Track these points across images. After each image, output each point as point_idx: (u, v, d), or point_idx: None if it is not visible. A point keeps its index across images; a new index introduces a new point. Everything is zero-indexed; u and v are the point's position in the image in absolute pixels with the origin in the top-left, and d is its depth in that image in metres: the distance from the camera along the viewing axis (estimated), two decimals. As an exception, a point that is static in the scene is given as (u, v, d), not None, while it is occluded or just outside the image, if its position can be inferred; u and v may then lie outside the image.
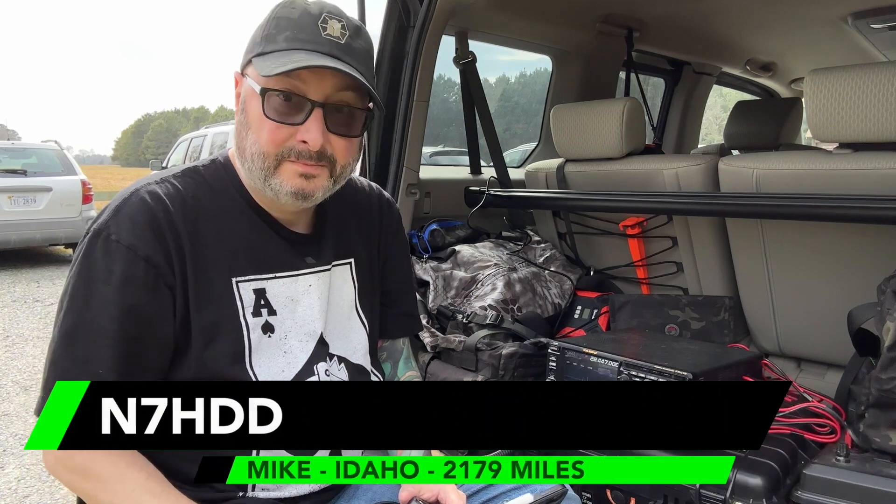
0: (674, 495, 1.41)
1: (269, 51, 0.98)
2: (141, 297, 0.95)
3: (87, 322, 0.94)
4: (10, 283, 6.98)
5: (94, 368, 0.93)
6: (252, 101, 1.00)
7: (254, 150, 1.00)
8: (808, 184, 1.75)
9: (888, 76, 1.59)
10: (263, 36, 1.00)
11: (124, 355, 0.94)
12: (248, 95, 1.01)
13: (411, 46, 2.15)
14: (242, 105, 1.03)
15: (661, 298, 2.20)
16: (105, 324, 0.94)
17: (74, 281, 0.96)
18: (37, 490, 2.68)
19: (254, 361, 1.03)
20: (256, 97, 0.99)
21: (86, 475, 0.93)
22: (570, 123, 2.29)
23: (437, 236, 2.42)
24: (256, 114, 1.00)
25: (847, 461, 1.34)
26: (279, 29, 0.98)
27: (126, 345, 0.95)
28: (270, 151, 1.00)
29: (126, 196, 1.00)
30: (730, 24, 3.09)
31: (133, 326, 0.95)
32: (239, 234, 1.05)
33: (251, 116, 1.01)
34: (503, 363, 1.95)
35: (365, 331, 1.20)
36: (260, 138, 0.99)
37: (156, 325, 0.97)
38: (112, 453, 0.93)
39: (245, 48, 1.04)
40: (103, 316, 0.94)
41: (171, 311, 0.98)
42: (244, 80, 1.03)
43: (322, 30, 0.98)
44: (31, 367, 4.24)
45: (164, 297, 0.98)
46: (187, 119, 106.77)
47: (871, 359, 1.55)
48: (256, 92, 0.99)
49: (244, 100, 1.02)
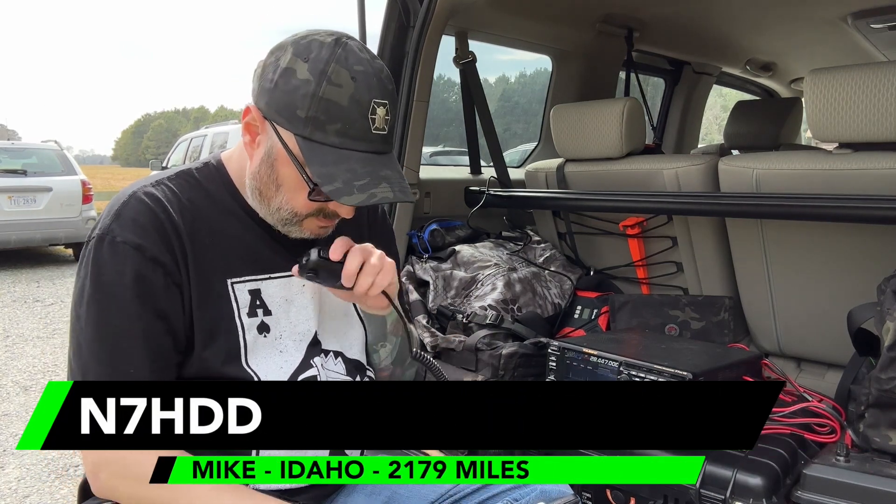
0: (674, 495, 1.41)
1: (318, 140, 0.95)
2: (155, 294, 0.97)
3: (110, 325, 0.95)
4: (10, 283, 6.98)
5: (126, 369, 0.95)
6: (287, 167, 0.99)
7: (285, 207, 1.02)
8: (808, 184, 1.75)
9: (888, 76, 1.59)
10: (310, 116, 0.94)
11: (152, 352, 0.96)
12: (281, 158, 0.99)
13: (411, 46, 2.15)
14: (271, 160, 1.00)
15: (661, 298, 2.20)
16: (127, 324, 0.95)
17: (88, 288, 0.97)
18: (37, 490, 2.68)
19: (251, 360, 1.04)
20: (291, 165, 0.98)
21: (158, 485, 0.92)
22: (570, 123, 2.29)
23: (437, 236, 2.42)
24: (294, 181, 0.99)
25: (847, 461, 1.34)
26: (329, 117, 0.94)
27: (151, 342, 0.97)
28: (304, 213, 1.03)
29: (124, 199, 1.01)
30: (730, 24, 3.09)
31: (153, 323, 0.97)
32: (233, 236, 1.06)
33: (284, 179, 1.00)
34: (503, 363, 1.95)
35: (362, 326, 1.21)
36: (294, 202, 1.02)
37: (172, 322, 0.99)
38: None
39: (266, 82, 0.98)
40: (124, 317, 0.95)
41: (181, 307, 1.00)
42: (271, 133, 0.99)
43: (371, 123, 0.96)
44: (31, 367, 4.24)
45: (174, 295, 0.99)
46: (187, 119, 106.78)
47: (871, 359, 1.55)
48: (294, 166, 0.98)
49: (275, 157, 0.99)
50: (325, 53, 0.95)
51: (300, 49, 0.97)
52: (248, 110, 1.01)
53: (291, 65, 0.96)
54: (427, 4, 2.10)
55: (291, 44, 0.98)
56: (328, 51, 0.95)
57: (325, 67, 0.94)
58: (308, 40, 0.97)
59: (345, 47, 0.97)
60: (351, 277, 1.03)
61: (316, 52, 0.96)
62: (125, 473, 0.95)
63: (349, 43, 0.98)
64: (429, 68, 2.20)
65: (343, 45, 0.97)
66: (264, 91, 0.98)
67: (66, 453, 3.01)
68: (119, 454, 0.94)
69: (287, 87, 0.95)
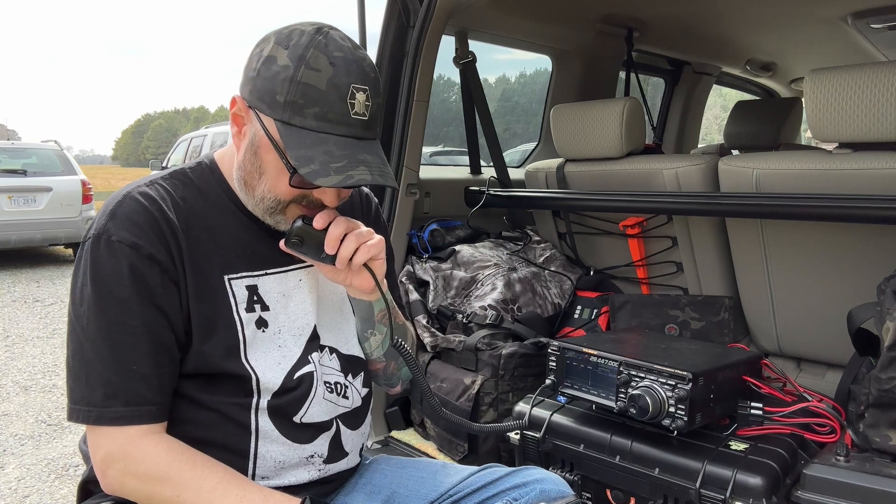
0: (673, 495, 1.41)
1: (297, 125, 0.96)
2: (153, 291, 0.98)
3: (111, 322, 0.96)
4: (10, 283, 6.98)
5: (130, 365, 0.96)
6: (269, 152, 0.99)
7: (268, 195, 1.03)
8: (808, 184, 1.75)
9: (888, 76, 1.59)
10: (288, 101, 0.95)
11: (154, 347, 0.98)
12: (264, 144, 0.99)
13: (411, 46, 2.15)
14: (254, 148, 1.01)
15: (661, 298, 2.20)
16: (128, 320, 0.96)
17: (86, 287, 0.98)
18: (37, 490, 2.68)
19: (249, 355, 1.05)
20: (272, 151, 0.99)
21: (165, 481, 0.95)
22: (570, 123, 2.29)
23: (437, 236, 2.43)
24: (275, 167, 1.00)
25: (847, 461, 1.34)
26: (307, 101, 0.95)
27: (152, 337, 0.98)
28: (286, 199, 1.03)
29: (119, 199, 1.02)
30: (730, 24, 3.09)
31: (153, 319, 0.98)
32: (229, 234, 1.07)
33: (267, 165, 1.01)
34: (503, 363, 1.95)
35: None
36: (277, 189, 1.02)
37: (171, 316, 1.00)
38: (190, 454, 0.97)
39: (250, 71, 0.99)
40: (125, 314, 0.96)
41: (179, 303, 1.01)
42: (255, 121, 1.00)
43: (350, 107, 0.97)
44: (31, 367, 4.25)
45: (171, 292, 1.00)
46: (187, 119, 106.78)
47: (871, 358, 1.55)
48: (275, 151, 0.98)
49: (257, 145, 1.00)
50: (305, 40, 0.97)
51: (282, 38, 0.99)
52: (234, 101, 1.03)
53: (273, 53, 0.98)
54: (427, 4, 2.10)
55: (275, 34, 1.00)
56: (308, 38, 0.97)
57: (304, 53, 0.96)
58: (290, 30, 1.00)
59: (326, 35, 0.98)
60: (334, 243, 1.03)
61: (296, 39, 0.97)
62: (133, 471, 0.96)
63: (331, 32, 0.99)
64: (429, 68, 2.20)
65: (324, 34, 0.98)
66: (248, 80, 1.00)
67: (66, 453, 3.01)
68: (127, 451, 0.96)
69: (268, 74, 0.97)
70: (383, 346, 1.23)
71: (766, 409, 1.54)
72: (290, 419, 1.07)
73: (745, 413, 1.54)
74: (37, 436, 3.21)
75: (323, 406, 1.11)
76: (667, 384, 1.42)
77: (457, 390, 1.97)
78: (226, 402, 1.03)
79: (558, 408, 1.68)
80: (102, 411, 0.95)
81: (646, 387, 1.44)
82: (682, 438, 1.46)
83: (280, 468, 1.07)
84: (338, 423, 1.14)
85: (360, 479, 1.22)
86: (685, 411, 1.39)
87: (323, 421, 1.11)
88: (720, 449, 1.42)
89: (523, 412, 1.70)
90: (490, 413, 1.94)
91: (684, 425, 1.40)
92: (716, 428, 1.51)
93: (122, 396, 0.96)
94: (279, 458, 1.06)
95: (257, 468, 1.05)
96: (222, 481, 0.96)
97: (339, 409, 1.14)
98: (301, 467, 1.09)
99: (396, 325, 1.21)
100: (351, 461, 1.18)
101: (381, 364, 1.26)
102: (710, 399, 1.45)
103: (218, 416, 1.03)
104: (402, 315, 1.29)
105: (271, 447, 1.06)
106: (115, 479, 0.98)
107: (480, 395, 1.94)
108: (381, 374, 1.28)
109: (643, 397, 1.43)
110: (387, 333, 1.21)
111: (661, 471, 1.43)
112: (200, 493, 0.95)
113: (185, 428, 1.02)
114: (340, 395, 1.14)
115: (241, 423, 1.04)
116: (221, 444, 1.03)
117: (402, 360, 1.23)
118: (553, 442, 1.62)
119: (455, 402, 1.96)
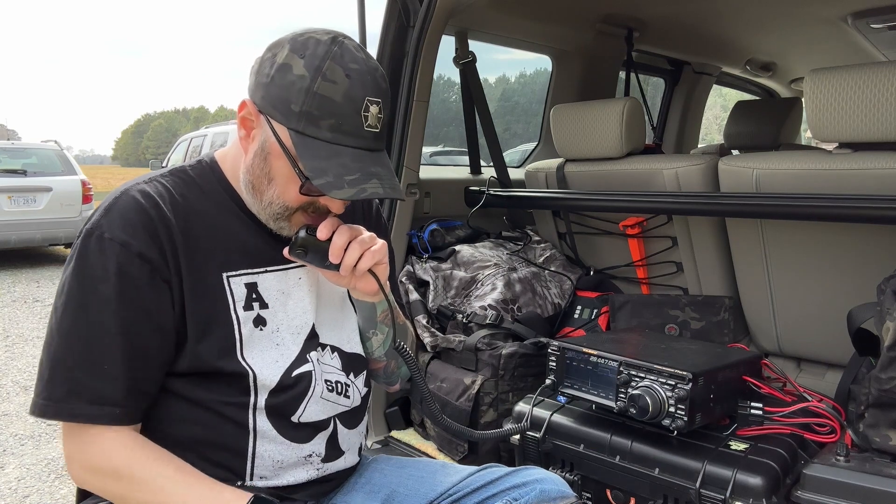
0: (673, 495, 1.41)
1: (311, 135, 0.97)
2: (138, 291, 0.97)
3: (87, 320, 0.96)
4: (10, 283, 6.98)
5: (100, 364, 0.96)
6: (280, 159, 1.00)
7: (276, 201, 1.04)
8: (808, 184, 1.75)
9: (888, 76, 1.59)
10: (303, 111, 0.96)
11: (128, 349, 0.97)
12: (275, 151, 1.00)
13: (411, 46, 2.15)
14: (264, 154, 1.01)
15: (661, 298, 2.20)
16: (106, 320, 0.96)
17: (71, 280, 0.98)
18: (37, 490, 2.68)
19: (246, 353, 1.05)
20: (283, 158, 0.99)
21: (119, 477, 0.96)
22: (570, 123, 2.29)
23: (437, 236, 2.42)
24: (285, 174, 1.01)
25: (847, 461, 1.34)
26: (322, 112, 0.96)
27: (128, 339, 0.97)
28: (294, 206, 1.04)
29: (116, 196, 1.02)
30: (730, 24, 3.09)
31: (133, 320, 0.97)
32: (228, 231, 1.07)
33: (276, 172, 1.02)
34: (503, 363, 1.95)
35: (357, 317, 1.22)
36: (286, 195, 1.03)
37: (156, 318, 0.99)
38: (145, 451, 0.97)
39: (263, 77, 0.99)
40: (103, 312, 0.96)
41: (170, 303, 1.00)
42: (266, 127, 1.00)
43: (364, 120, 0.98)
44: (31, 367, 4.24)
45: (161, 291, 1.00)
46: (187, 119, 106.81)
47: (871, 358, 1.55)
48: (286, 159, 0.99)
49: (268, 151, 1.01)
50: (322, 50, 0.97)
51: (297, 46, 0.98)
52: (243, 104, 1.03)
53: (288, 60, 0.98)
54: (427, 4, 2.10)
55: (289, 41, 1.00)
56: (324, 48, 0.97)
57: (321, 64, 0.96)
58: (305, 38, 0.99)
59: (341, 45, 0.99)
60: (339, 252, 1.04)
61: (312, 48, 0.97)
62: (91, 468, 0.97)
63: (345, 42, 1.00)
64: (429, 68, 2.20)
65: (339, 44, 0.99)
66: (260, 85, 1.00)
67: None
68: (83, 447, 0.97)
69: (283, 82, 0.97)
70: (385, 346, 1.23)
71: (766, 409, 1.54)
72: (287, 419, 1.07)
73: (745, 413, 1.54)
74: (37, 436, 3.22)
75: (321, 405, 1.11)
76: (667, 384, 1.42)
77: (457, 390, 1.97)
78: (223, 401, 1.03)
79: (558, 408, 1.68)
80: (62, 406, 0.95)
81: (646, 387, 1.44)
82: (682, 438, 1.46)
83: (279, 468, 1.07)
84: (335, 423, 1.14)
85: (359, 478, 1.23)
86: (685, 411, 1.39)
87: (321, 420, 1.11)
88: (720, 449, 1.42)
89: (523, 412, 1.70)
90: (490, 413, 1.94)
91: (684, 425, 1.40)
92: (716, 428, 1.51)
93: (85, 394, 0.95)
94: (277, 457, 1.06)
95: (256, 468, 1.05)
96: (171, 479, 0.96)
97: (339, 408, 1.14)
98: (300, 467, 1.09)
99: (398, 325, 1.21)
100: (349, 460, 1.18)
101: (382, 363, 1.26)
102: (710, 399, 1.45)
103: (216, 416, 1.02)
104: (402, 315, 1.29)
105: (269, 447, 1.06)
106: (77, 475, 0.99)
107: (480, 395, 1.94)
108: (381, 373, 1.28)
109: (643, 397, 1.43)
110: (388, 333, 1.21)
111: (661, 471, 1.43)
112: (151, 491, 0.95)
113: (184, 427, 1.02)
114: (341, 394, 1.14)
115: (239, 423, 1.03)
116: (220, 444, 1.03)
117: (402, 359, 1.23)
118: (553, 442, 1.62)
119: (455, 402, 1.96)
